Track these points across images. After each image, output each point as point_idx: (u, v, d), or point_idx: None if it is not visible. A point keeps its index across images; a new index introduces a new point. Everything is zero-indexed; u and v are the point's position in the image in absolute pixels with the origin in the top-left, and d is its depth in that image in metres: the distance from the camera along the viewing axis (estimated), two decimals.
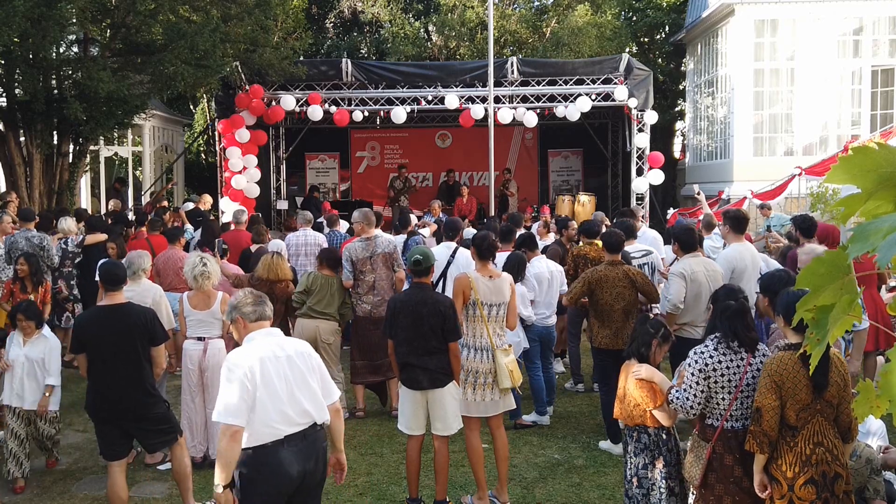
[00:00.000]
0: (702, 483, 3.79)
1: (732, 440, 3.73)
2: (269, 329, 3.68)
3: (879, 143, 1.42)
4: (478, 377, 5.05)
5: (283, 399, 3.46)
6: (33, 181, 11.45)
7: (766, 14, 16.25)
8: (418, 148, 19.11)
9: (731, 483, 3.71)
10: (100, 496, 5.34)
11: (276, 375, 3.47)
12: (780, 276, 4.30)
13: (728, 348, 3.77)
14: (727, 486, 3.72)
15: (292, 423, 3.48)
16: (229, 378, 3.41)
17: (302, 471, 3.50)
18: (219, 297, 5.92)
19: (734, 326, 3.77)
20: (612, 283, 6.00)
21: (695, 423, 3.98)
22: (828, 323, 1.44)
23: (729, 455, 3.73)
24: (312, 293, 6.82)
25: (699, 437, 3.88)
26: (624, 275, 6.02)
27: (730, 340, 3.77)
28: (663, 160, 15.52)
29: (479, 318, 5.08)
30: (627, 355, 4.41)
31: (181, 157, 19.72)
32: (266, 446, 3.42)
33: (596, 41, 18.24)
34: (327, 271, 6.96)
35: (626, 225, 7.34)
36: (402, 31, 19.82)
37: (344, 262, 6.90)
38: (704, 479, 3.77)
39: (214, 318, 5.86)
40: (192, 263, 5.86)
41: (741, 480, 3.69)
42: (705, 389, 3.75)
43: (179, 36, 10.75)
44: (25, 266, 7.28)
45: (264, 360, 3.47)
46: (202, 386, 5.85)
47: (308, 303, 6.81)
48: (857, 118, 16.29)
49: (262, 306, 3.69)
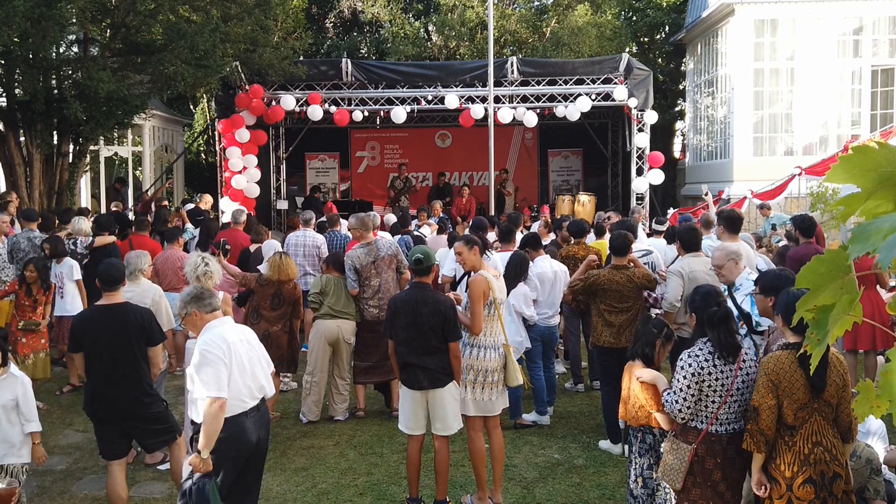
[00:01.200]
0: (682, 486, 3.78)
1: (716, 444, 3.71)
2: (223, 318, 4.10)
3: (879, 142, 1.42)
4: (487, 376, 5.03)
5: (248, 375, 3.99)
6: (33, 181, 11.44)
7: (766, 14, 16.25)
8: (418, 148, 19.12)
9: (709, 487, 3.70)
10: (100, 496, 5.34)
11: (242, 355, 3.98)
12: (784, 275, 4.29)
13: (721, 353, 3.77)
14: (704, 490, 3.70)
15: (253, 396, 4.03)
16: (208, 358, 3.82)
17: (257, 438, 4.06)
18: (220, 297, 5.90)
19: (717, 332, 3.77)
20: (617, 287, 5.99)
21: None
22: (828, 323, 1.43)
23: (710, 459, 3.71)
24: (328, 294, 6.84)
25: (678, 439, 3.84)
26: (628, 279, 6.02)
27: (719, 348, 3.77)
28: (663, 160, 15.52)
29: (495, 316, 5.09)
30: (631, 356, 4.41)
31: (181, 157, 19.72)
32: (236, 417, 3.92)
33: (596, 41, 18.24)
34: (336, 274, 6.97)
35: (628, 225, 7.34)
36: (402, 31, 19.81)
37: (347, 271, 6.86)
38: (683, 482, 3.76)
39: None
40: (194, 263, 5.83)
41: (717, 485, 3.68)
42: (696, 393, 3.74)
43: (179, 36, 10.74)
44: (34, 272, 7.26)
45: (233, 343, 3.95)
46: None
47: (326, 303, 6.82)
48: (857, 118, 16.29)
49: (213, 298, 4.11)
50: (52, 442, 6.31)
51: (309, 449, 6.23)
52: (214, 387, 3.78)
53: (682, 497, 3.77)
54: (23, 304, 7.32)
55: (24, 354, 7.20)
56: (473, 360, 5.03)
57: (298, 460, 5.99)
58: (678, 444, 3.83)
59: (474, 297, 4.99)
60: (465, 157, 18.63)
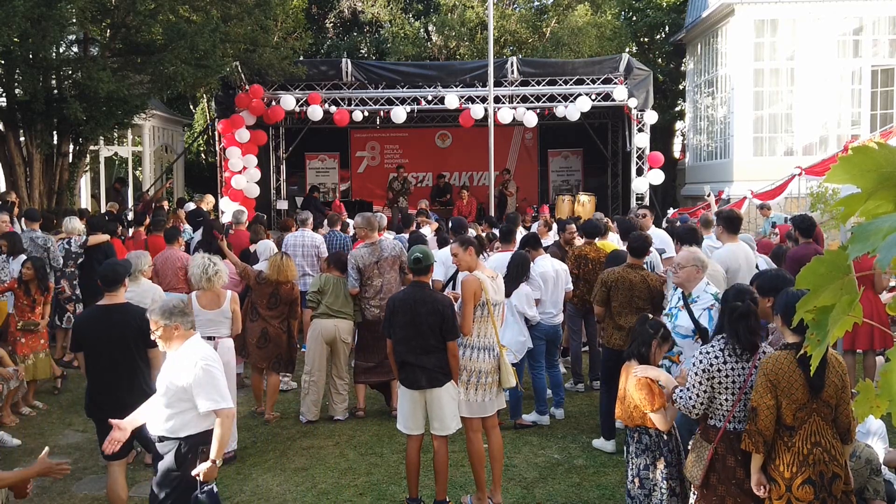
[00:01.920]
0: (703, 483, 3.78)
1: (735, 441, 3.72)
2: (197, 335, 4.13)
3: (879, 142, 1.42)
4: (480, 377, 5.03)
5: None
6: (33, 181, 11.44)
7: (766, 14, 16.25)
8: (418, 148, 19.12)
9: (734, 484, 3.71)
10: (100, 496, 5.34)
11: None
12: (780, 276, 4.29)
13: (733, 350, 3.77)
14: (729, 487, 3.72)
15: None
16: (214, 373, 3.90)
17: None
18: (228, 295, 5.92)
19: (736, 328, 3.76)
20: (630, 285, 5.99)
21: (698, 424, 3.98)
22: (828, 324, 1.43)
23: (731, 456, 3.72)
24: (327, 293, 6.83)
25: (701, 437, 3.87)
26: (642, 279, 6.01)
27: (734, 342, 3.77)
28: (663, 160, 15.52)
29: (487, 318, 5.08)
30: (627, 356, 4.41)
31: (181, 157, 19.72)
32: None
33: (596, 41, 18.24)
34: (336, 273, 6.96)
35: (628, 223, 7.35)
36: (402, 31, 19.82)
37: (350, 270, 6.85)
38: (706, 479, 3.76)
39: (224, 318, 5.88)
40: (203, 264, 5.81)
41: (743, 482, 3.68)
42: (708, 390, 3.74)
43: (179, 36, 10.74)
44: (31, 271, 7.26)
45: (217, 358, 4.11)
46: None
47: (324, 302, 6.82)
48: (856, 118, 16.28)
49: (192, 316, 4.16)
50: (52, 442, 6.31)
51: (309, 449, 6.23)
52: (226, 398, 3.93)
53: (709, 493, 3.77)
54: (21, 303, 7.31)
55: (23, 355, 7.20)
56: (466, 360, 5.03)
57: (298, 460, 5.99)
58: (700, 443, 3.85)
59: (465, 298, 5.00)
60: (465, 157, 18.63)
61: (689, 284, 5.01)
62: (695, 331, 4.89)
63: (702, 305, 4.93)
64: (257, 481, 5.60)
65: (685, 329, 4.95)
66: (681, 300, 5.06)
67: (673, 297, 5.30)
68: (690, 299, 4.98)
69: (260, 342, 6.89)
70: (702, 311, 4.90)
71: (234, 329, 5.96)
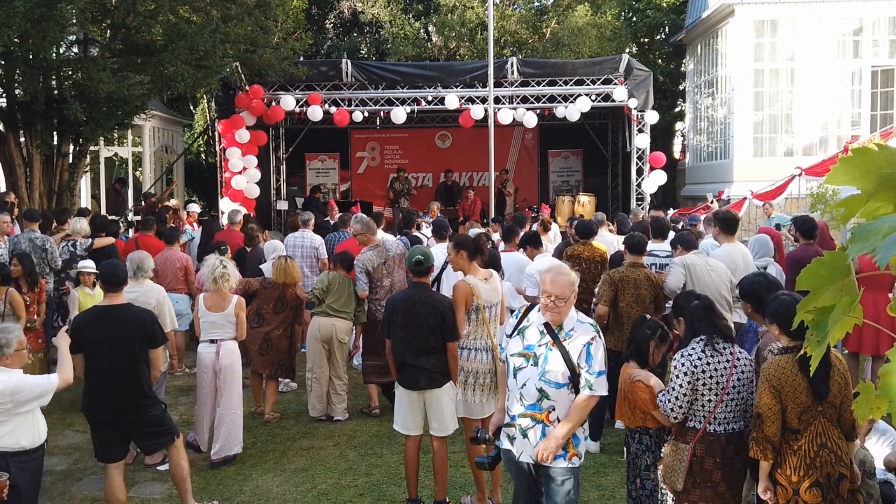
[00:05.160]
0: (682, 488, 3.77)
1: (715, 444, 3.70)
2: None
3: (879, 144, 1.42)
4: (478, 377, 5.04)
5: None
6: (33, 181, 11.44)
7: (766, 14, 16.24)
8: (418, 148, 19.11)
9: (708, 488, 3.68)
10: (99, 496, 5.34)
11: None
12: (760, 281, 4.28)
13: (714, 350, 3.76)
14: (703, 490, 3.69)
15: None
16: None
17: None
18: (234, 300, 5.95)
19: (711, 320, 3.80)
20: (634, 284, 6.01)
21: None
22: (828, 324, 1.43)
23: (710, 459, 3.70)
24: (331, 291, 6.83)
25: (677, 440, 3.83)
26: (646, 277, 6.04)
27: (713, 338, 3.77)
28: (665, 160, 15.51)
29: (481, 322, 5.08)
30: (626, 357, 4.42)
31: (181, 158, 19.72)
32: None
33: (596, 41, 18.24)
34: (342, 272, 6.97)
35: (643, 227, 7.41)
36: (402, 32, 19.82)
37: (358, 275, 6.82)
38: (683, 483, 3.74)
39: (228, 321, 5.90)
40: (213, 265, 5.90)
41: (717, 486, 3.67)
42: (689, 392, 3.73)
43: (179, 36, 10.74)
44: (19, 267, 7.24)
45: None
46: (215, 388, 5.90)
47: (326, 300, 6.81)
48: (857, 118, 16.28)
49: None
50: (52, 442, 6.29)
51: (309, 449, 6.23)
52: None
53: (682, 498, 3.76)
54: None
55: None
56: (463, 361, 5.04)
57: (298, 461, 5.99)
58: (677, 446, 3.82)
59: (456, 303, 5.00)
60: (465, 157, 18.61)
61: (560, 315, 3.68)
62: (571, 377, 3.62)
63: (580, 341, 3.65)
64: (257, 482, 5.60)
65: (557, 374, 3.63)
66: (545, 335, 3.70)
67: (530, 330, 3.77)
68: (564, 333, 3.69)
69: (262, 348, 6.88)
70: (581, 349, 3.63)
71: (237, 335, 5.97)
